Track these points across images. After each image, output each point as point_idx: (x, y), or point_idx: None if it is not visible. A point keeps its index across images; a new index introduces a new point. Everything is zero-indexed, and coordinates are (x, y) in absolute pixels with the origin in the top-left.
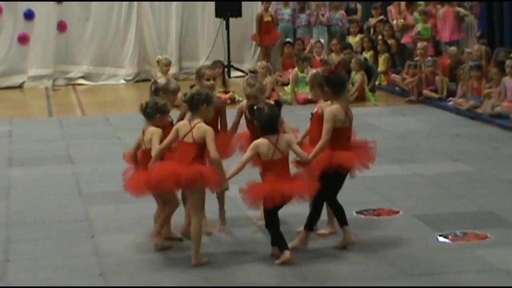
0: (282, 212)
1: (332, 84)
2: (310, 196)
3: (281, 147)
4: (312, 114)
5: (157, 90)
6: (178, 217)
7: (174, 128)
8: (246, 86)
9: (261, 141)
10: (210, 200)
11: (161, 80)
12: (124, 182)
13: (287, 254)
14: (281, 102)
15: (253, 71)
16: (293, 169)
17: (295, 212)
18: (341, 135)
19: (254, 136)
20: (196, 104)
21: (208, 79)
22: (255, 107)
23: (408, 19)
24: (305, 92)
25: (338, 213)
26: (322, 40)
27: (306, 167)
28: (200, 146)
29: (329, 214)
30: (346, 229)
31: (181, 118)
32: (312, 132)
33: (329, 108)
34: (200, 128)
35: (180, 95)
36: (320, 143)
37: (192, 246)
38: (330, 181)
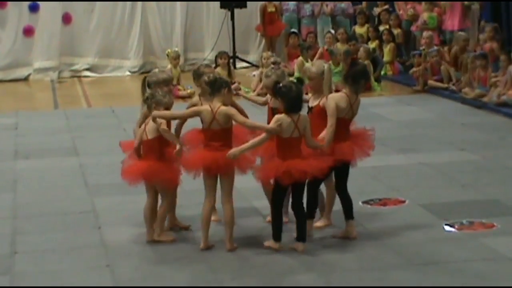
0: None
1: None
2: (324, 175)
3: (300, 126)
4: (310, 107)
5: (149, 85)
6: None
7: (196, 108)
8: (263, 77)
9: (284, 117)
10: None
11: (151, 74)
12: (122, 171)
13: (277, 245)
14: (303, 81)
15: (274, 62)
16: None
17: None
18: (341, 125)
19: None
20: (219, 86)
21: None
22: (280, 84)
23: (417, 9)
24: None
25: (346, 205)
26: (332, 31)
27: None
28: (228, 131)
29: (327, 206)
30: (350, 223)
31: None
32: (313, 126)
33: (331, 95)
34: (221, 112)
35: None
36: (328, 129)
37: (226, 231)
38: (334, 172)
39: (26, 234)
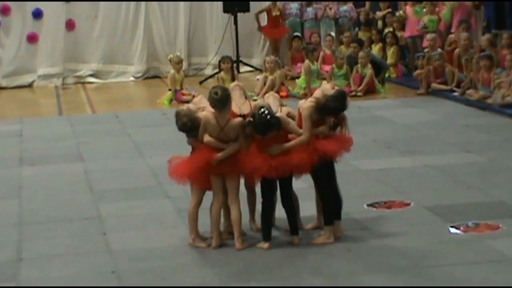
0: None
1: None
2: (304, 170)
3: None
4: None
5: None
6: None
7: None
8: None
9: None
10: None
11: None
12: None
13: (266, 245)
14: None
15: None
16: None
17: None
18: (318, 126)
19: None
20: (228, 99)
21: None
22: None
23: (408, 11)
24: (317, 85)
25: (337, 205)
26: (332, 34)
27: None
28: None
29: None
30: (337, 224)
31: None
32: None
33: (305, 105)
34: (231, 124)
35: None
36: (302, 138)
37: (234, 231)
38: (323, 172)
39: (31, 240)
